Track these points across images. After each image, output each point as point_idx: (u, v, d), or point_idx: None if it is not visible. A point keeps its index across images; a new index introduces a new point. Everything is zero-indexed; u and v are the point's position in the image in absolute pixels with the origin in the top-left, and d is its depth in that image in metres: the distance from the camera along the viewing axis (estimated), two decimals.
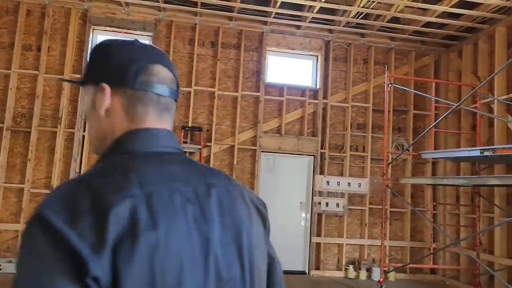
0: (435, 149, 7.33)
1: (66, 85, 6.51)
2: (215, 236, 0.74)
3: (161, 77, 0.85)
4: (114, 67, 0.85)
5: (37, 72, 6.47)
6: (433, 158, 6.92)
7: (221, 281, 0.72)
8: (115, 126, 0.84)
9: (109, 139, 0.84)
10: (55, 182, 6.32)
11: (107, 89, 0.84)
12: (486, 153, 4.63)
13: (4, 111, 6.42)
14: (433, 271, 7.23)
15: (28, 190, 6.28)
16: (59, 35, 6.67)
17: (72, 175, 6.39)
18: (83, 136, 6.51)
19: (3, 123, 6.32)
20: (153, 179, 0.72)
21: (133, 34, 6.90)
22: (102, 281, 0.60)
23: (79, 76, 6.57)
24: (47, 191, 6.33)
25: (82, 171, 6.45)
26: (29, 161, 6.31)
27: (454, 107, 5.73)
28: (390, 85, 6.18)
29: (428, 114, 7.52)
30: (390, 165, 7.31)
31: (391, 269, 6.74)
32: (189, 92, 6.93)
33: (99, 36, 6.93)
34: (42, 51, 6.51)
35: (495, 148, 4.63)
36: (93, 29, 6.85)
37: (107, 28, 6.86)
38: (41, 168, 6.47)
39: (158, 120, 0.85)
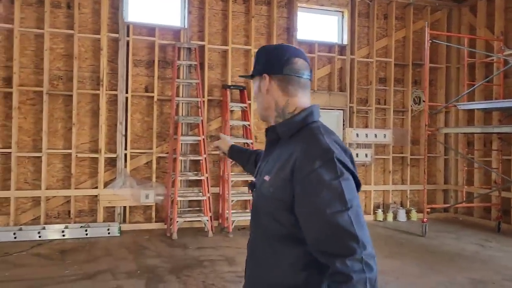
0: (446, 101, 7.97)
1: (104, 45, 6.24)
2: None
3: (300, 66, 1.34)
4: (270, 62, 1.36)
5: (71, 31, 6.12)
6: (463, 109, 7.47)
7: None
8: (277, 100, 1.35)
9: (272, 108, 1.37)
10: (103, 146, 6.22)
11: (267, 77, 1.35)
12: None
13: (38, 74, 6.09)
14: (445, 210, 8.08)
15: (76, 155, 6.14)
16: None
17: (119, 138, 6.30)
18: (127, 98, 6.37)
19: (41, 87, 6.02)
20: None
21: None
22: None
23: (116, 35, 6.31)
24: (94, 155, 6.23)
25: (129, 134, 6.37)
26: (73, 125, 6.12)
27: (487, 59, 6.21)
28: (430, 41, 6.53)
29: (441, 67, 8.09)
30: (410, 116, 7.88)
31: (412, 210, 7.47)
32: (225, 51, 6.90)
33: None
34: (75, 8, 6.13)
35: None
36: None
37: None
38: (84, 132, 6.30)
39: (303, 94, 1.36)
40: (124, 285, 4.01)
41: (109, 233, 5.89)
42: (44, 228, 5.75)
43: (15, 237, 5.51)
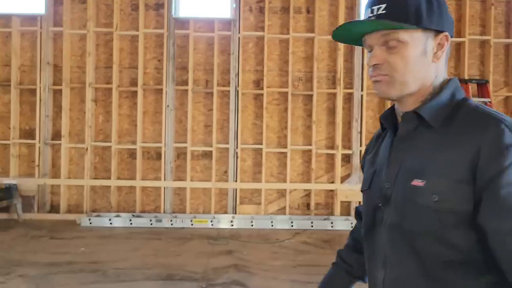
0: None
1: (341, 46, 6.47)
2: None
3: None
4: (446, 14, 0.98)
5: (311, 34, 6.48)
6: None
7: None
8: (439, 73, 1.00)
9: (428, 82, 0.99)
10: (339, 143, 6.46)
11: (448, 38, 0.99)
12: None
13: (282, 76, 6.60)
14: None
15: (316, 151, 6.51)
16: None
17: (355, 135, 6.48)
18: (362, 96, 6.51)
19: (285, 88, 6.50)
20: None
21: None
22: None
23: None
24: (331, 151, 6.50)
25: (363, 131, 6.51)
26: (313, 123, 6.48)
27: None
28: None
29: None
30: None
31: None
32: (459, 43, 6.56)
33: None
34: (315, 12, 6.48)
35: None
36: None
37: None
38: (320, 130, 6.65)
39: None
40: None
41: (351, 227, 6.10)
42: (309, 219, 6.23)
43: (272, 225, 6.08)
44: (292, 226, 6.08)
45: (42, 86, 6.35)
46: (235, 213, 6.41)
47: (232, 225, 6.07)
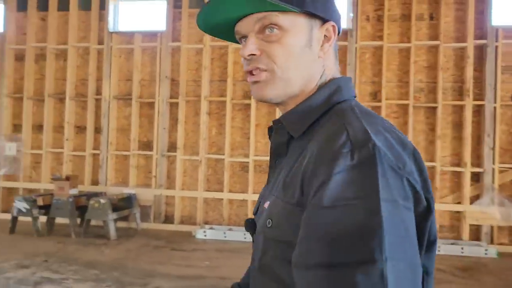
0: None
1: (470, 53, 5.92)
2: None
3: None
4: (338, 11, 0.83)
5: (435, 42, 6.02)
6: None
7: None
8: (326, 72, 0.81)
9: (313, 81, 0.80)
10: (468, 160, 5.87)
11: (334, 27, 0.81)
12: None
13: (401, 88, 6.19)
14: None
15: (441, 169, 5.97)
16: None
17: (486, 151, 5.85)
18: (494, 108, 5.89)
19: (405, 100, 6.08)
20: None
21: None
22: None
23: (483, 42, 5.91)
24: (458, 169, 5.93)
25: (496, 147, 5.86)
26: (438, 137, 5.96)
27: None
28: None
29: None
30: None
31: None
32: None
33: None
34: (440, 18, 6.01)
35: None
36: None
37: None
38: (445, 145, 6.10)
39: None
40: None
41: (486, 254, 5.46)
42: None
43: None
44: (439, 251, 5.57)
45: (160, 99, 6.56)
46: None
47: None
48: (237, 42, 0.86)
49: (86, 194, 6.15)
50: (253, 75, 0.78)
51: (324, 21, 0.80)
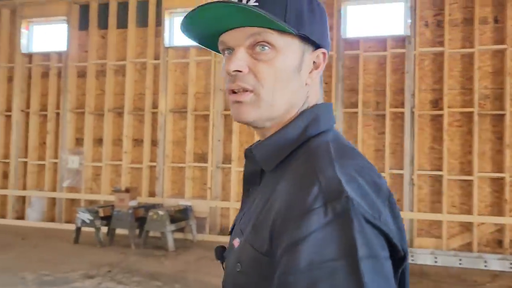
0: None
1: None
2: None
3: None
4: (327, 34, 0.79)
5: (502, 46, 5.70)
6: None
7: None
8: (310, 98, 0.78)
9: (295, 108, 0.75)
10: None
11: (325, 54, 0.78)
12: None
13: (464, 95, 5.90)
14: None
15: (510, 180, 5.62)
16: None
17: None
18: None
19: (469, 107, 5.78)
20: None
21: None
22: None
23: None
24: None
25: None
26: (507, 146, 5.62)
27: None
28: None
29: None
30: None
31: None
32: None
33: None
34: (507, 21, 5.69)
35: None
36: None
37: None
38: None
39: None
40: None
41: None
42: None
43: (461, 263, 5.33)
44: (485, 266, 5.25)
45: (214, 111, 6.63)
46: (411, 247, 5.80)
47: (412, 260, 5.47)
48: (215, 50, 0.80)
49: (144, 205, 6.29)
50: (235, 93, 0.73)
51: (315, 47, 0.77)
